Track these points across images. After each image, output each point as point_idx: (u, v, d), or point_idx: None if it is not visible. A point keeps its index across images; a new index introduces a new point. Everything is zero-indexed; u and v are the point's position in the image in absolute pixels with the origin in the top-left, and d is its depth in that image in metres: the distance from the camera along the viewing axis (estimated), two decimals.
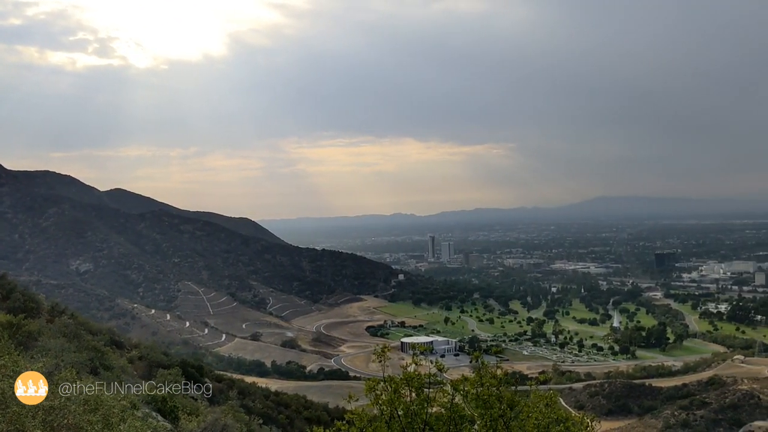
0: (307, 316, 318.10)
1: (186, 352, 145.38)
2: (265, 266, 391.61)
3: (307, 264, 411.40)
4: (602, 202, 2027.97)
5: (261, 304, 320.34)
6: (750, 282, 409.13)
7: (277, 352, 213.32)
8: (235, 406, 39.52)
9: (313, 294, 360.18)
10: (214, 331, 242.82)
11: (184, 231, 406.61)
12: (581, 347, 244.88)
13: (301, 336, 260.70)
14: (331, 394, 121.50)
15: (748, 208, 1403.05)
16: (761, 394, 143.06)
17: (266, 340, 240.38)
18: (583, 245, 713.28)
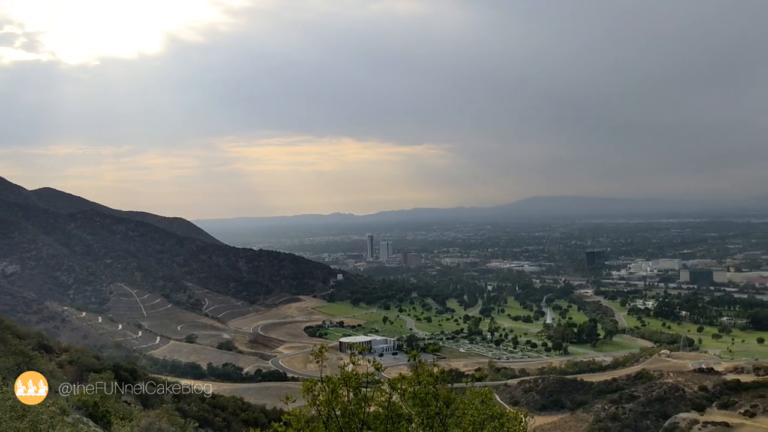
0: (244, 318, 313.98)
1: (119, 356, 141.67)
2: (200, 267, 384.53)
3: (244, 264, 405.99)
4: (537, 202, 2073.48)
5: (196, 306, 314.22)
6: (675, 279, 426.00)
7: (213, 354, 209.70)
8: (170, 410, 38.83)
9: (251, 295, 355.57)
10: (148, 334, 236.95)
11: (116, 231, 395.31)
12: (516, 344, 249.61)
13: (237, 337, 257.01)
14: (268, 396, 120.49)
15: (673, 208, 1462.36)
16: (686, 387, 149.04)
17: (202, 342, 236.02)
18: (518, 244, 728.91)
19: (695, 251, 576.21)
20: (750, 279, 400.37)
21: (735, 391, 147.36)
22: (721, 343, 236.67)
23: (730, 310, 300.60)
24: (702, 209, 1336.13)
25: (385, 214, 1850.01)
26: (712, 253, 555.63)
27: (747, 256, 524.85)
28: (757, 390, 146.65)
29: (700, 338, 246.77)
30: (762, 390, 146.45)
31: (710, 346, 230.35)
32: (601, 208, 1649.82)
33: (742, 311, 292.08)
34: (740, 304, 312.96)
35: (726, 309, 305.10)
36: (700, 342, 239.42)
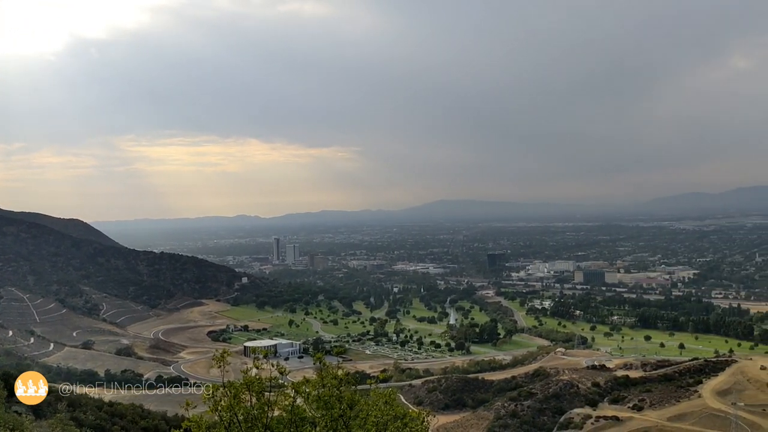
0: (145, 322, 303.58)
1: (9, 364, 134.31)
2: (98, 270, 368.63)
3: (145, 267, 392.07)
4: (443, 206, 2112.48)
5: (93, 311, 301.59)
6: (570, 280, 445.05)
7: (111, 361, 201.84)
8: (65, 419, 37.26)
9: (151, 299, 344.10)
10: (40, 340, 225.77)
11: (7, 233, 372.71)
12: (421, 345, 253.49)
13: (137, 343, 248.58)
14: (169, 403, 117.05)
15: (568, 212, 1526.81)
16: (580, 384, 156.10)
17: (99, 348, 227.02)
18: (424, 247, 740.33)
19: (589, 253, 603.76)
20: (638, 279, 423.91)
21: (624, 387, 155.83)
22: (612, 341, 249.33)
23: (620, 309, 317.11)
24: (595, 214, 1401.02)
25: (291, 216, 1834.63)
26: (604, 255, 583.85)
27: (636, 258, 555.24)
28: (644, 385, 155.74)
29: (593, 336, 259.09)
30: (649, 385, 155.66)
31: (602, 344, 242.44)
32: (502, 211, 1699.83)
33: (631, 310, 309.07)
34: (629, 303, 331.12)
35: (616, 308, 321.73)
36: (593, 340, 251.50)
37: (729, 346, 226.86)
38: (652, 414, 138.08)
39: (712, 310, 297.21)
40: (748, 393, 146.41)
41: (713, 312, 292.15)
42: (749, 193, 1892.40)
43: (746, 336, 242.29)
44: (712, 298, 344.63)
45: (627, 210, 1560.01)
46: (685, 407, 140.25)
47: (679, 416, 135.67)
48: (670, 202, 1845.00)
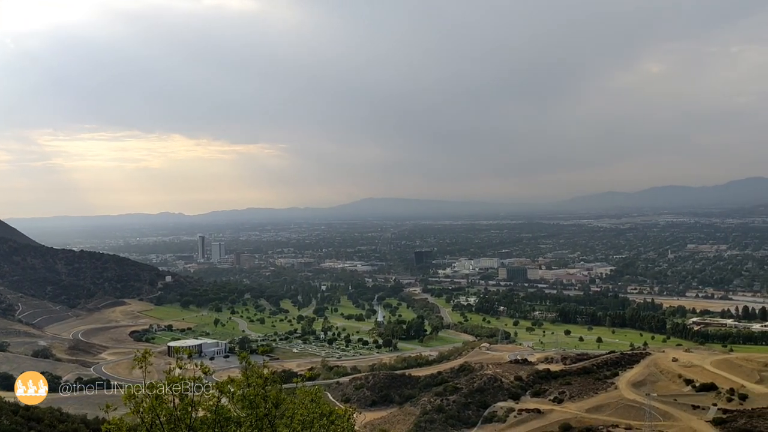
0: (63, 323, 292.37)
1: None
2: (13, 269, 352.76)
3: (64, 267, 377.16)
4: (370, 203, 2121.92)
5: (8, 311, 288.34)
6: (494, 276, 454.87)
7: (27, 363, 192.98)
8: None
9: (70, 299, 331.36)
10: None
11: None
12: (349, 342, 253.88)
13: (56, 344, 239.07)
14: (90, 405, 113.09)
15: (493, 210, 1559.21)
16: (503, 378, 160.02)
17: (15, 350, 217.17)
18: (351, 244, 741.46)
19: (512, 250, 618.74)
20: (559, 276, 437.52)
21: (546, 380, 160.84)
22: (534, 336, 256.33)
23: (542, 305, 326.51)
24: (518, 212, 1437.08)
25: (217, 213, 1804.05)
26: (526, 253, 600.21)
27: (556, 255, 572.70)
28: (564, 378, 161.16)
29: (516, 331, 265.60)
30: (568, 378, 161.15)
31: (525, 339, 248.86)
32: (429, 209, 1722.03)
33: (552, 305, 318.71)
34: (550, 299, 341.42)
35: (538, 304, 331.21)
36: (516, 335, 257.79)
37: (643, 339, 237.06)
38: (572, 406, 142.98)
39: (628, 305, 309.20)
40: (660, 384, 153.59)
41: (629, 307, 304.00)
42: (662, 193, 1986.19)
43: (659, 329, 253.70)
44: (627, 294, 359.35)
45: (548, 208, 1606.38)
46: (603, 399, 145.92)
47: (597, 407, 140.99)
48: (588, 201, 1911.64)
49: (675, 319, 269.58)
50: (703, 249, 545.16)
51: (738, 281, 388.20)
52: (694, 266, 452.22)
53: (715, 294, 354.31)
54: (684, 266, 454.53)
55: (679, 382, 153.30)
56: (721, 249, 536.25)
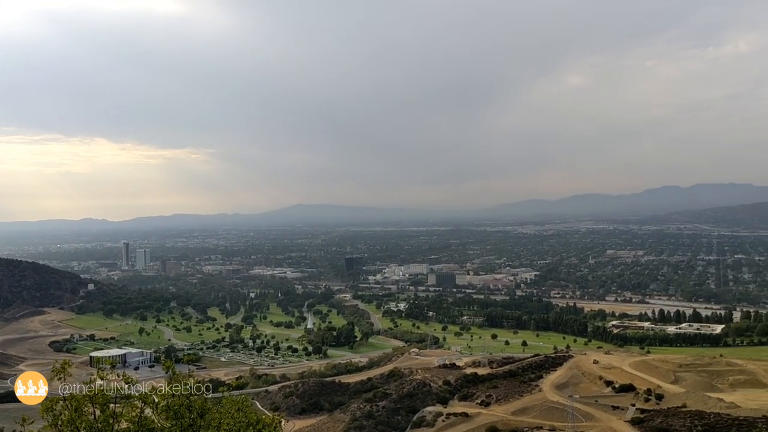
0: None
1: None
2: None
3: None
4: (300, 210, 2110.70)
5: None
6: (424, 282, 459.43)
7: None
8: None
9: None
10: None
11: None
12: (278, 350, 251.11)
13: None
14: (5, 419, 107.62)
15: (422, 217, 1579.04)
16: (432, 383, 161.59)
17: None
18: (281, 251, 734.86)
19: (441, 256, 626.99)
20: (486, 281, 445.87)
21: (473, 384, 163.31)
22: (462, 340, 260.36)
23: (470, 310, 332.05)
24: (446, 219, 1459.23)
25: (142, 220, 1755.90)
26: (455, 258, 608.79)
27: (483, 261, 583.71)
28: (491, 381, 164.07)
29: (445, 336, 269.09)
30: (495, 381, 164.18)
31: (453, 343, 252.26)
32: (359, 216, 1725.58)
33: (479, 310, 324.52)
34: (478, 303, 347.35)
35: (466, 309, 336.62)
36: (445, 339, 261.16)
37: (566, 342, 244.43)
38: (498, 409, 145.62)
39: (552, 309, 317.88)
40: (582, 385, 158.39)
41: (552, 311, 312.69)
42: (583, 200, 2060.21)
43: (581, 332, 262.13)
44: (551, 298, 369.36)
45: (475, 215, 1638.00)
46: (528, 401, 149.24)
47: (522, 410, 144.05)
48: (513, 208, 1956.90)
49: (596, 322, 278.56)
50: (621, 255, 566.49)
51: (654, 285, 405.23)
52: (613, 271, 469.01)
53: (633, 298, 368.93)
54: (604, 271, 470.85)
55: (600, 384, 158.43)
56: (639, 255, 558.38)
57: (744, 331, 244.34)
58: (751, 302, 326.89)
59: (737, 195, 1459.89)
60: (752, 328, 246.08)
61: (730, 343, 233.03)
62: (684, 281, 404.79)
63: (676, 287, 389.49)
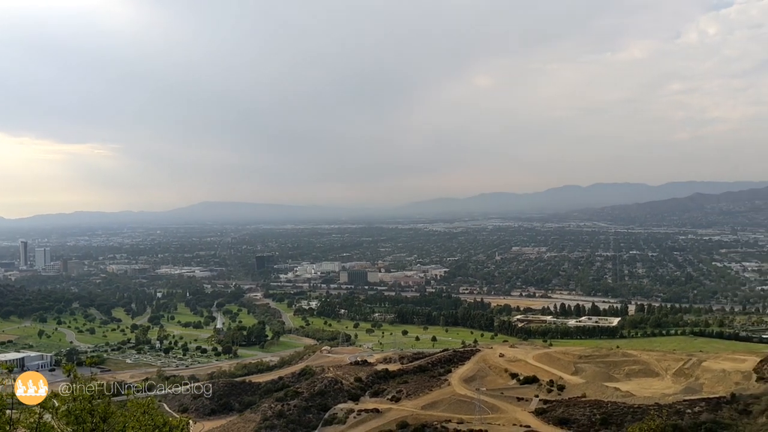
0: None
1: None
2: None
3: None
4: (209, 207, 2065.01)
5: None
6: (336, 280, 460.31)
7: None
8: None
9: None
10: None
11: None
12: (186, 351, 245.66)
13: None
14: None
15: (334, 215, 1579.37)
16: (343, 380, 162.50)
17: None
18: (190, 249, 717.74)
19: (353, 254, 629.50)
20: (397, 278, 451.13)
21: (384, 380, 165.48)
22: (373, 337, 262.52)
23: (381, 307, 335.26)
24: (358, 216, 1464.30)
25: (41, 217, 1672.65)
26: (366, 256, 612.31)
27: (395, 258, 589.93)
28: (402, 377, 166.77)
29: (357, 333, 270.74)
30: (406, 377, 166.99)
31: (365, 340, 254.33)
32: (271, 213, 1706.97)
33: (390, 307, 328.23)
34: (389, 300, 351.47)
35: (378, 306, 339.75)
36: (357, 337, 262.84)
37: (474, 336, 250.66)
38: (409, 404, 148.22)
39: (460, 305, 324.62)
40: (489, 378, 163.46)
41: (461, 306, 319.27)
42: (490, 199, 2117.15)
43: (488, 327, 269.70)
44: (460, 294, 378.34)
45: (387, 213, 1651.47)
46: (437, 395, 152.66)
47: (431, 404, 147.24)
48: (424, 206, 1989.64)
49: (502, 317, 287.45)
50: (526, 251, 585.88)
51: (556, 281, 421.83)
52: (518, 267, 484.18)
53: (536, 293, 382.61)
54: (509, 267, 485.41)
55: (506, 376, 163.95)
56: (542, 251, 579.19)
57: (638, 324, 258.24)
58: (645, 296, 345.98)
59: (632, 194, 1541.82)
60: (646, 321, 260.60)
61: (625, 334, 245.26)
62: (583, 276, 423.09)
63: (577, 282, 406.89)
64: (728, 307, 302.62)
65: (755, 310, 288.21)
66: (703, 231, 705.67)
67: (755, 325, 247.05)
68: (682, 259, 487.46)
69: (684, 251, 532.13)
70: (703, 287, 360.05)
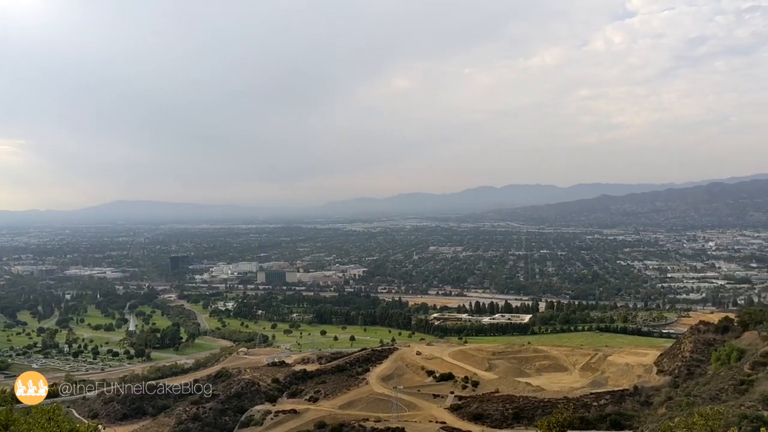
0: None
1: None
2: None
3: None
4: (122, 206, 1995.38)
5: None
6: (253, 281, 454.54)
7: None
8: None
9: None
10: None
11: None
12: (97, 354, 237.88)
13: None
14: None
15: (251, 214, 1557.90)
16: (261, 381, 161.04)
17: None
18: (101, 250, 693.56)
19: (271, 254, 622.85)
20: (316, 278, 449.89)
21: (302, 380, 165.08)
22: (291, 338, 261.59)
23: (300, 307, 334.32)
24: (277, 216, 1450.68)
25: None
26: (285, 256, 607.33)
27: (314, 258, 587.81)
28: (320, 377, 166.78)
29: (274, 334, 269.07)
30: (324, 377, 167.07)
31: (283, 341, 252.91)
32: (185, 213, 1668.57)
33: (309, 307, 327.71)
34: (308, 301, 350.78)
35: (296, 306, 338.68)
36: (274, 338, 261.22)
37: (392, 335, 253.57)
38: (327, 404, 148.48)
39: (378, 304, 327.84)
40: (406, 377, 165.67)
41: (379, 306, 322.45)
42: (408, 199, 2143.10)
43: (405, 326, 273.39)
44: (378, 293, 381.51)
45: (306, 212, 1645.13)
46: (355, 394, 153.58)
47: (349, 403, 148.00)
48: (343, 206, 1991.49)
49: (419, 315, 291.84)
50: (442, 251, 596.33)
51: (471, 279, 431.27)
52: (435, 266, 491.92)
53: (452, 291, 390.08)
54: (427, 267, 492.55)
55: (423, 374, 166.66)
56: (458, 251, 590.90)
57: (548, 320, 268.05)
58: (555, 293, 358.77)
59: (543, 195, 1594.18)
60: (555, 317, 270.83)
61: (536, 331, 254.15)
62: (497, 275, 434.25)
63: (491, 281, 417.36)
64: (631, 303, 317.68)
65: (656, 306, 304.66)
66: (608, 231, 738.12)
67: (656, 321, 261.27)
68: (589, 257, 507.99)
69: (591, 250, 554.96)
70: (608, 285, 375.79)
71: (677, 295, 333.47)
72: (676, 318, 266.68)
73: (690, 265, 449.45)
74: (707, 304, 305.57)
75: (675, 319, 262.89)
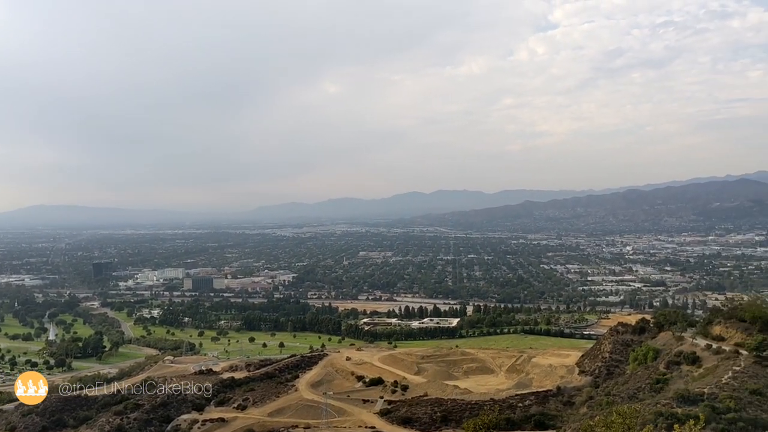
0: None
1: None
2: None
3: None
4: (40, 211, 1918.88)
5: None
6: (180, 287, 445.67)
7: None
8: None
9: None
10: None
11: None
12: (14, 365, 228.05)
13: None
14: None
15: (177, 220, 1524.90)
16: (187, 390, 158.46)
17: None
18: (18, 256, 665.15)
19: (198, 260, 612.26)
20: (244, 284, 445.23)
21: (230, 388, 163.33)
22: (219, 345, 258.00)
23: (228, 314, 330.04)
24: (204, 221, 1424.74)
25: None
26: (212, 262, 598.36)
27: (242, 264, 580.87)
28: (248, 385, 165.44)
29: (201, 342, 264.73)
30: (252, 384, 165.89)
31: (210, 349, 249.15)
32: (108, 218, 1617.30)
33: (237, 314, 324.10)
34: (236, 307, 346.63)
35: (224, 313, 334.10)
36: (201, 345, 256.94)
37: (322, 341, 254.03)
38: (255, 411, 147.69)
39: (308, 310, 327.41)
40: (336, 382, 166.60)
41: (309, 311, 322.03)
42: (338, 204, 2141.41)
43: (335, 331, 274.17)
44: (308, 299, 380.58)
45: (234, 218, 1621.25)
46: (284, 402, 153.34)
47: (278, 411, 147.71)
48: (272, 211, 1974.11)
49: (349, 320, 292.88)
50: (372, 256, 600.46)
51: (401, 284, 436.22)
52: (365, 272, 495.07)
53: (382, 296, 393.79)
54: (357, 272, 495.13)
55: (352, 379, 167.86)
56: (388, 255, 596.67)
57: (475, 323, 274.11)
58: (482, 297, 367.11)
59: (471, 201, 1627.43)
60: (482, 321, 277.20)
61: (464, 334, 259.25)
62: (426, 279, 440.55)
63: (420, 285, 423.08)
64: (554, 306, 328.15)
65: (577, 308, 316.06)
66: (532, 236, 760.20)
67: (577, 323, 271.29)
68: (515, 262, 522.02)
69: (516, 255, 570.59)
70: (532, 288, 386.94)
71: (597, 297, 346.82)
72: (596, 320, 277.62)
73: (609, 268, 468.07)
74: (625, 306, 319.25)
75: (595, 321, 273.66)
